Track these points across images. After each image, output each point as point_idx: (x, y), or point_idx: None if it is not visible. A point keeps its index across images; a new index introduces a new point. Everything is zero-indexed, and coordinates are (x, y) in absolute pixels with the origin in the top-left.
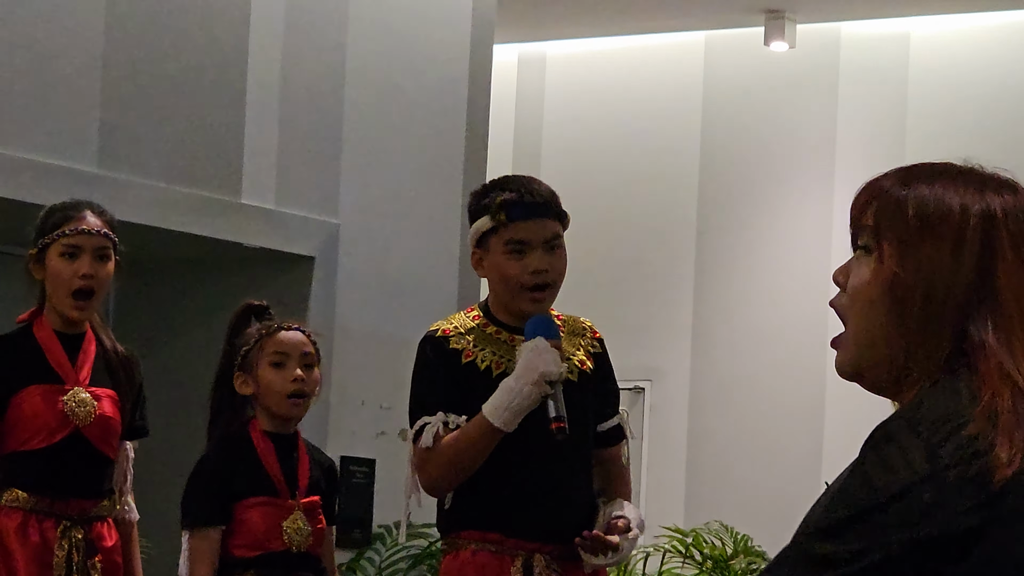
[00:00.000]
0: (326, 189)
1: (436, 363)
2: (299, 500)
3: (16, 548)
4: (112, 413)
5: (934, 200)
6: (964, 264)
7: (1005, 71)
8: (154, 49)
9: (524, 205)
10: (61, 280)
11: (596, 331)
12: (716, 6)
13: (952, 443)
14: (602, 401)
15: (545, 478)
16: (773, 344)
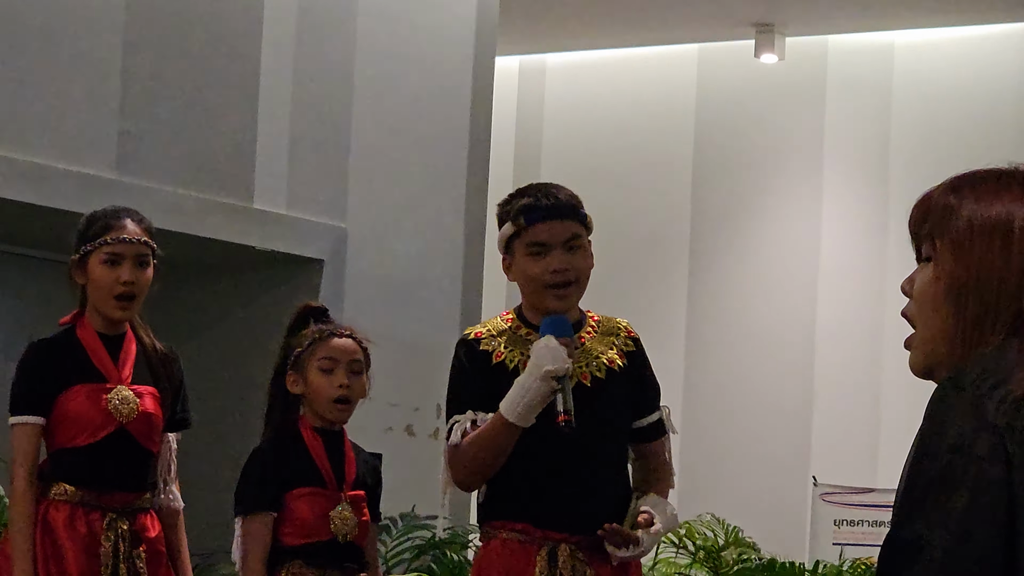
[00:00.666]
0: (334, 195)
1: (468, 365)
2: (346, 493)
3: (65, 539)
4: (153, 409)
5: (982, 204)
6: (1012, 261)
7: (984, 81)
8: (170, 60)
9: (541, 208)
10: (104, 286)
11: (631, 330)
12: (709, 20)
13: (996, 396)
14: (638, 397)
15: (571, 472)
16: (763, 344)
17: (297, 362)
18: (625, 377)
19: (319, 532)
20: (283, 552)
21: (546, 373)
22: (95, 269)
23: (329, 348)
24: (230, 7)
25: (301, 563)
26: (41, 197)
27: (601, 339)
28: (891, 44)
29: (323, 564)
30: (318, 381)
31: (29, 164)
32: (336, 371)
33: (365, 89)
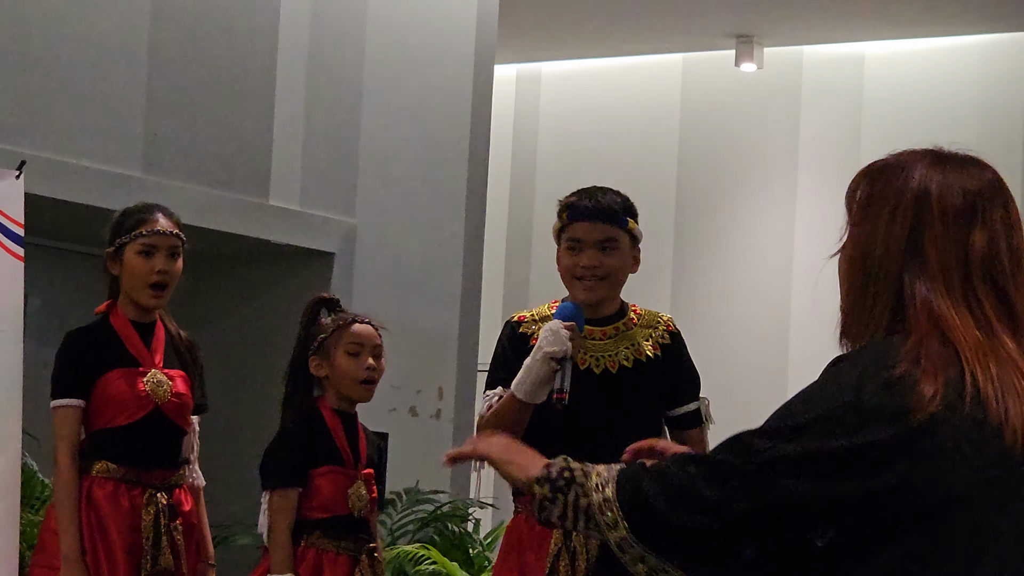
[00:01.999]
0: (345, 193)
1: (507, 345)
2: (360, 471)
3: (108, 514)
4: (184, 391)
5: (878, 185)
6: (895, 234)
7: (949, 89)
8: (193, 67)
9: (579, 208)
10: (139, 275)
11: (671, 325)
12: (692, 31)
13: (878, 380)
14: (672, 387)
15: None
16: (742, 332)
17: (322, 347)
18: (657, 367)
19: (338, 507)
20: (305, 524)
21: (544, 354)
22: (131, 260)
23: (354, 334)
24: (249, 20)
25: (320, 534)
26: (74, 194)
27: (640, 331)
28: (862, 55)
29: (339, 536)
30: (346, 364)
31: (63, 163)
32: (362, 354)
33: (373, 95)
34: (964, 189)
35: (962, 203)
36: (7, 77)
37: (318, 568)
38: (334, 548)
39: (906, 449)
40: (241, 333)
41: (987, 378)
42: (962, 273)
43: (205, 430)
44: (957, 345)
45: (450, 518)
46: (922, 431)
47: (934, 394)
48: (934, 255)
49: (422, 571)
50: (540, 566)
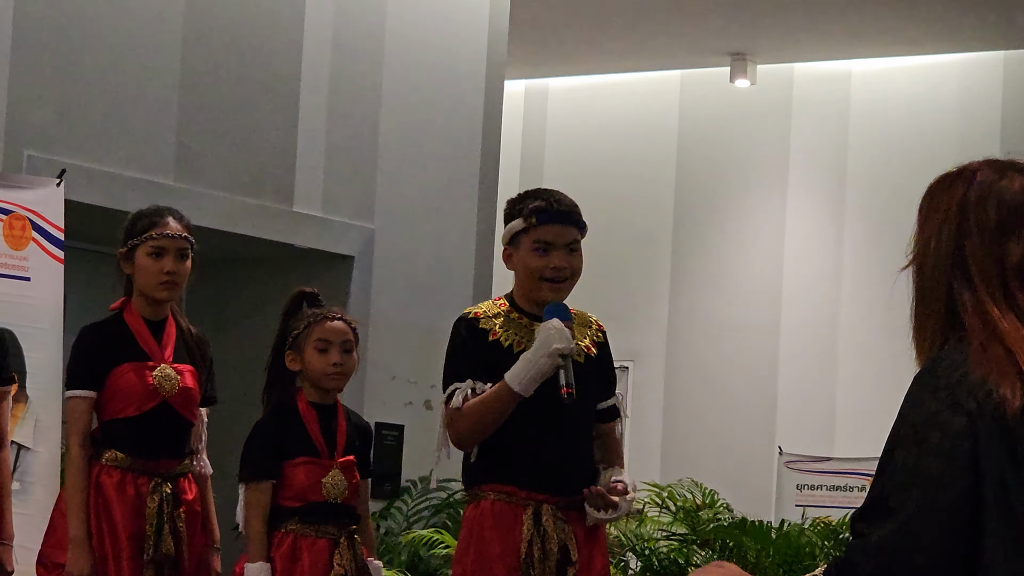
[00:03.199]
0: (364, 200)
1: (468, 339)
2: (337, 460)
3: (115, 500)
4: (192, 385)
5: (936, 191)
6: (943, 247)
7: (931, 105)
8: (222, 83)
9: (552, 212)
10: (149, 275)
11: (600, 324)
12: (690, 49)
13: (966, 384)
14: (602, 383)
15: (554, 442)
16: (735, 333)
17: (295, 342)
18: (596, 363)
19: (312, 495)
20: (282, 512)
21: (555, 351)
22: (141, 260)
23: (324, 330)
24: (274, 40)
25: (297, 520)
26: (111, 201)
27: (578, 330)
28: (849, 72)
29: (317, 522)
30: (314, 359)
31: (100, 172)
32: (330, 350)
33: (391, 109)
34: (1001, 201)
35: (997, 216)
36: (49, 93)
37: (296, 552)
38: (312, 532)
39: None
40: (267, 332)
41: None
42: (1000, 281)
43: (226, 424)
44: (1012, 348)
45: (462, 504)
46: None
47: (1014, 395)
48: (974, 265)
49: (436, 554)
50: (511, 550)
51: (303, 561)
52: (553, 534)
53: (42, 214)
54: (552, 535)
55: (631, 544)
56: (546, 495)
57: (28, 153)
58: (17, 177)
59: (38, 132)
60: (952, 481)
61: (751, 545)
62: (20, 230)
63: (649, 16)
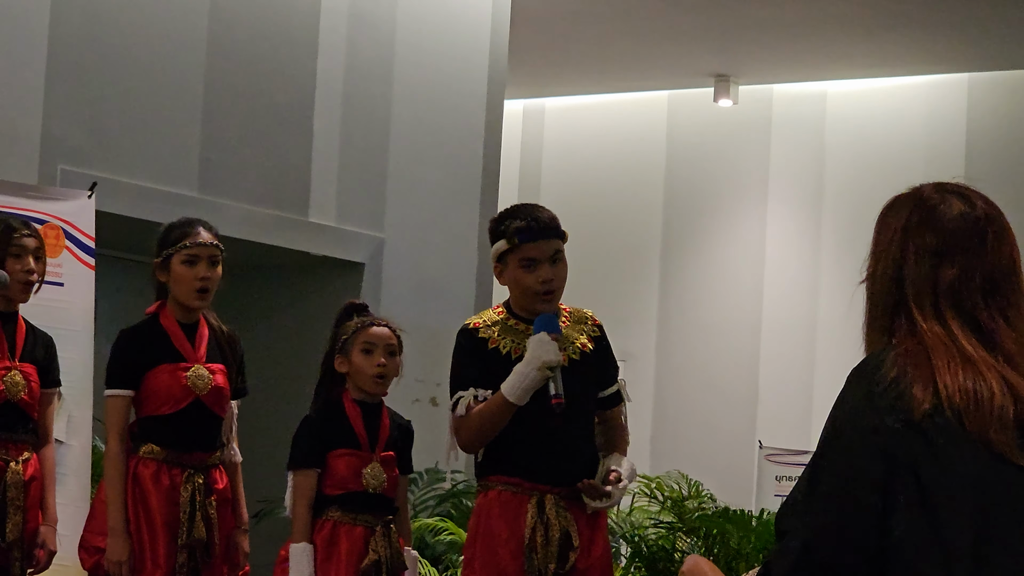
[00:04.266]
0: (374, 211)
1: (469, 349)
2: (378, 453)
3: (151, 490)
4: (223, 383)
5: (882, 219)
6: (889, 265)
7: (901, 124)
8: (242, 101)
9: (531, 230)
10: (185, 282)
11: (596, 319)
12: (676, 71)
13: (883, 384)
14: (602, 373)
15: (556, 437)
16: (719, 334)
17: (343, 347)
18: (593, 357)
19: (352, 484)
20: (324, 500)
21: (543, 364)
22: (177, 268)
23: (369, 335)
24: (290, 61)
25: (338, 508)
26: (138, 211)
27: (574, 327)
28: (824, 93)
29: (356, 510)
30: (360, 361)
31: (129, 185)
32: (375, 353)
33: (400, 127)
34: (938, 227)
35: (935, 240)
36: (82, 112)
37: (335, 537)
38: (350, 520)
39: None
40: (284, 333)
41: (956, 386)
42: (932, 300)
43: (250, 417)
44: (933, 357)
45: (465, 495)
46: (915, 428)
47: (924, 396)
48: (910, 288)
49: (440, 540)
50: (516, 536)
51: (341, 546)
52: (555, 521)
53: (75, 224)
54: (554, 522)
55: (622, 531)
56: (548, 485)
57: (62, 167)
58: (52, 189)
59: (71, 148)
60: (866, 479)
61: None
62: (54, 239)
63: (639, 40)
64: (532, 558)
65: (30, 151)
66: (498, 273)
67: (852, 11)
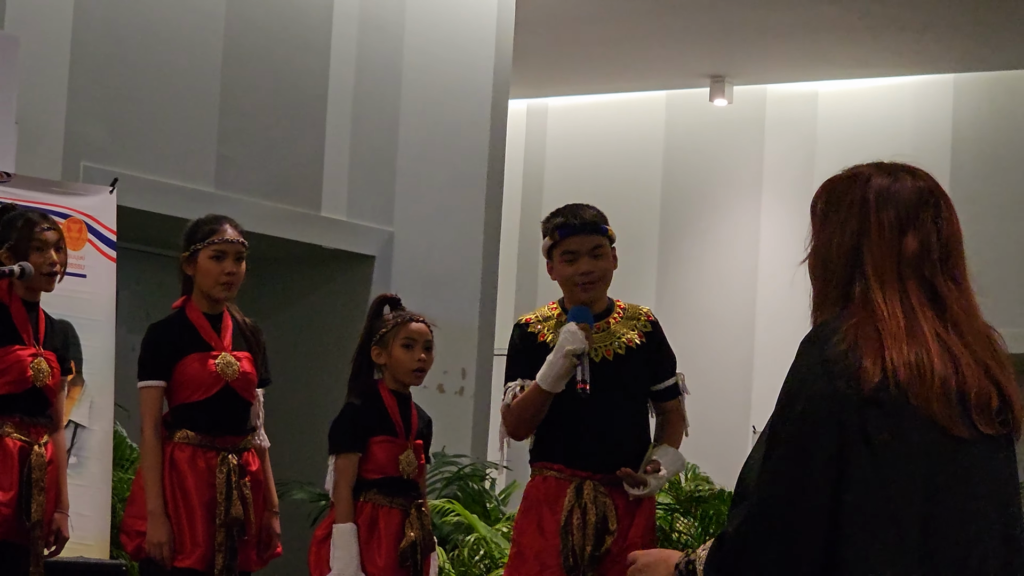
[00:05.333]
0: (384, 205)
1: (520, 344)
2: (411, 441)
3: (188, 473)
4: (249, 369)
5: (834, 191)
6: (846, 240)
7: (889, 123)
8: (257, 101)
9: (571, 226)
10: (212, 276)
11: (651, 315)
12: (674, 72)
13: (833, 355)
14: (655, 367)
15: (596, 426)
16: (715, 325)
17: (382, 339)
18: (643, 352)
19: (390, 469)
20: (364, 483)
21: (567, 352)
22: (204, 263)
23: (410, 330)
24: (303, 62)
25: (376, 492)
26: (157, 206)
27: (625, 323)
28: (816, 92)
29: (392, 493)
30: (401, 355)
31: (149, 181)
32: (415, 348)
33: (408, 125)
34: (899, 202)
35: (895, 214)
36: (102, 110)
37: (374, 519)
38: (387, 503)
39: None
40: (297, 324)
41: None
42: (895, 273)
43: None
44: (882, 330)
45: (471, 478)
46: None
47: (874, 367)
48: (870, 257)
49: (447, 522)
50: (555, 518)
51: (380, 527)
52: (592, 505)
53: (97, 218)
54: (591, 506)
55: None
56: (589, 472)
57: (84, 164)
58: (75, 185)
59: (93, 145)
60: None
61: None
62: (77, 232)
63: (639, 43)
64: (567, 539)
65: (54, 149)
66: (549, 269)
67: (842, 15)
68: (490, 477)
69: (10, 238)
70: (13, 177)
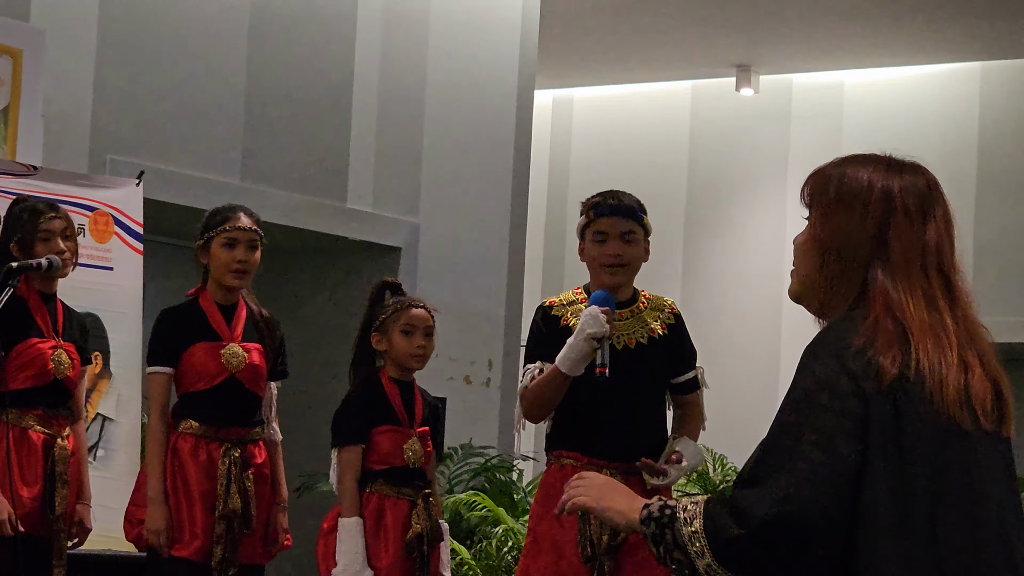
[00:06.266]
0: (410, 197)
1: (541, 326)
2: (415, 429)
3: (189, 463)
4: (259, 362)
5: (849, 179)
6: (867, 228)
7: (916, 112)
8: (282, 92)
9: (606, 206)
10: (223, 263)
11: (675, 307)
12: (700, 61)
13: (849, 351)
14: (676, 359)
15: (613, 414)
16: (740, 317)
17: (382, 325)
18: (665, 343)
19: (395, 459)
20: (369, 474)
21: (588, 335)
22: (216, 251)
23: (410, 316)
24: (328, 53)
25: (382, 482)
26: (184, 199)
27: (649, 313)
28: (842, 82)
29: (398, 484)
30: (400, 341)
31: (174, 173)
32: (414, 334)
33: (434, 116)
34: (918, 190)
35: (918, 203)
36: (128, 103)
37: (381, 510)
38: (394, 494)
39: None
40: (323, 315)
41: (926, 354)
42: (920, 263)
43: (289, 397)
44: (907, 325)
45: (498, 469)
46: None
47: (891, 364)
48: (898, 247)
49: (475, 514)
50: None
51: (387, 518)
52: None
53: (123, 211)
54: None
55: None
56: (605, 460)
57: (111, 157)
58: (101, 178)
59: (119, 138)
60: (846, 435)
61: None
62: (104, 225)
63: (664, 33)
64: (585, 528)
65: (81, 142)
66: (580, 251)
67: (868, 3)
68: (517, 469)
69: (17, 231)
70: (40, 170)
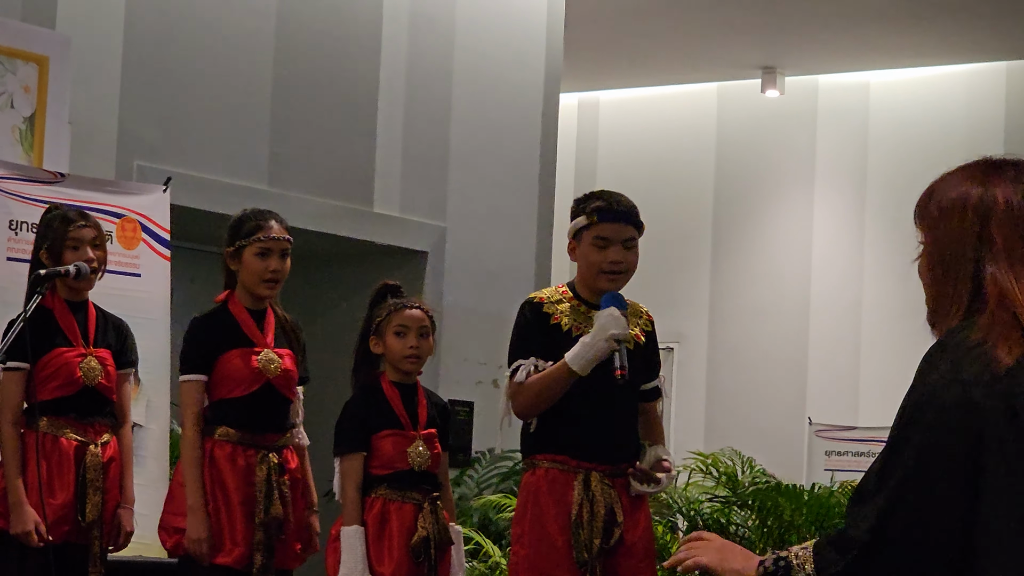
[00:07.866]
0: (437, 201)
1: (532, 321)
2: (419, 432)
3: (227, 470)
4: (291, 367)
5: (946, 193)
6: (967, 229)
7: (941, 112)
8: (309, 98)
9: (611, 211)
10: (256, 272)
11: (650, 315)
12: (725, 63)
13: (964, 348)
14: (647, 367)
15: (603, 418)
16: (769, 316)
17: (378, 329)
18: (643, 350)
19: (399, 464)
20: (372, 480)
21: (611, 336)
22: (249, 259)
23: (402, 317)
24: (354, 59)
25: (386, 487)
26: (211, 205)
27: (631, 319)
28: (868, 83)
29: (404, 488)
30: (393, 343)
31: (202, 179)
32: (407, 335)
33: (460, 121)
34: (1016, 183)
35: (1014, 191)
36: (156, 110)
37: (385, 515)
38: (399, 498)
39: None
40: (350, 320)
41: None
42: (1022, 253)
43: (316, 403)
44: (1018, 312)
45: None
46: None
47: (1007, 354)
48: (999, 234)
49: (503, 517)
50: (561, 512)
51: (392, 523)
52: (601, 498)
53: (150, 217)
54: (600, 499)
55: (679, 506)
56: (594, 464)
57: (138, 163)
58: (128, 184)
59: (146, 145)
60: (947, 458)
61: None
62: (131, 232)
63: (690, 35)
64: (579, 533)
65: (108, 148)
66: (571, 250)
67: (893, 3)
68: None
69: (48, 239)
70: (67, 177)
